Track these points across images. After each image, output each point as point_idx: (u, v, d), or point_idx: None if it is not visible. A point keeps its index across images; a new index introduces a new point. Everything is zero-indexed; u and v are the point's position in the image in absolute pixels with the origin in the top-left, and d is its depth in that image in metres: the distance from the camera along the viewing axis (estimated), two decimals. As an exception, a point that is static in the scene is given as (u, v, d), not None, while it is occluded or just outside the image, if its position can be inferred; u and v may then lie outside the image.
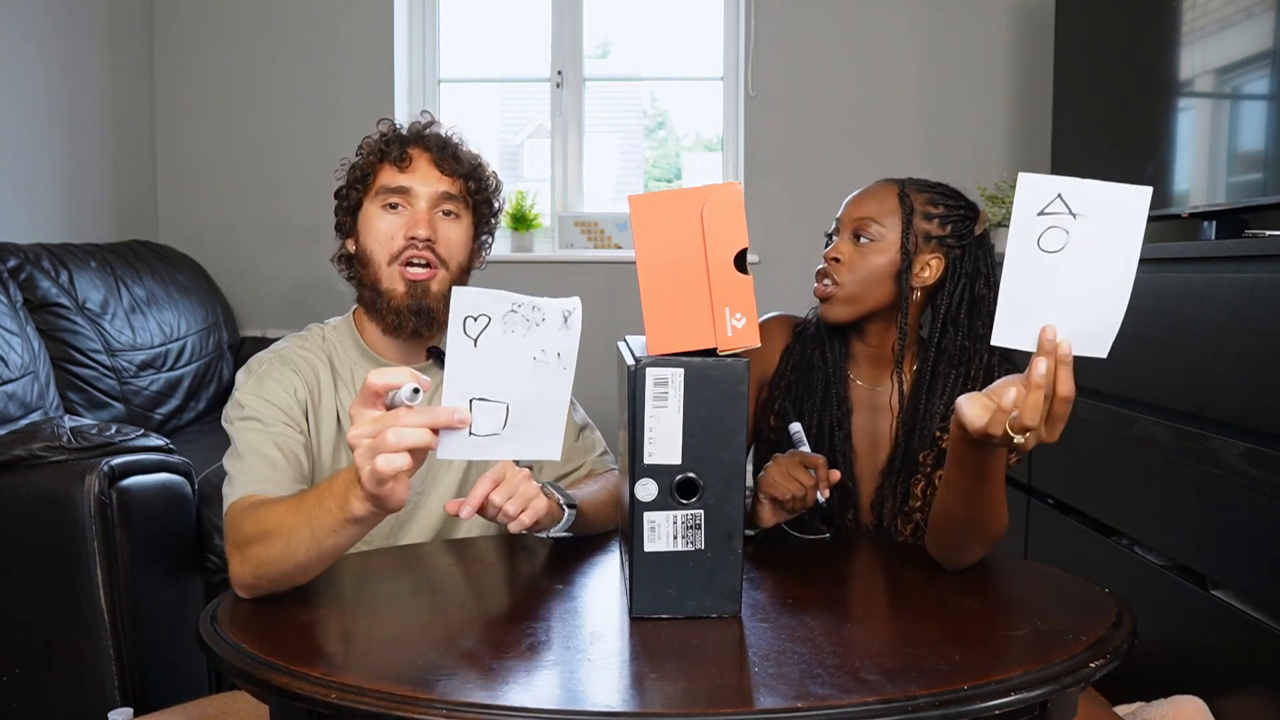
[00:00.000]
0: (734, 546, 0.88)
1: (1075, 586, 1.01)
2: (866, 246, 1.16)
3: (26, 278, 2.13)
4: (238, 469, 1.03)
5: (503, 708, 0.71)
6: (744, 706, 0.72)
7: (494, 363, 0.75)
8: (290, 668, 0.77)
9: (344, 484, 0.84)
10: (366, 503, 0.81)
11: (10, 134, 2.42)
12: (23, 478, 1.39)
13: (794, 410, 1.21)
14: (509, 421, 0.77)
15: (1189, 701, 1.36)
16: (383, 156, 1.14)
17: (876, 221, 1.16)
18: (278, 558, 0.89)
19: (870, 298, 1.16)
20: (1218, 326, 1.43)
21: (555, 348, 0.76)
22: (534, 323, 0.75)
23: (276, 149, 2.98)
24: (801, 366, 1.23)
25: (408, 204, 1.13)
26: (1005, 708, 0.73)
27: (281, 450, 1.04)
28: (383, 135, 1.16)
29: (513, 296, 0.75)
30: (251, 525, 0.92)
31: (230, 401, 1.09)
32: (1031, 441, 0.85)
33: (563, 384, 0.78)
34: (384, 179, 1.13)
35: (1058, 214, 0.80)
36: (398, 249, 1.12)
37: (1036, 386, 0.82)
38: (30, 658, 1.40)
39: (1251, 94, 1.77)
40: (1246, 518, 1.35)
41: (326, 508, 0.85)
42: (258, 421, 1.06)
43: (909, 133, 2.85)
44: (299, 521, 0.87)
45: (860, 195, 1.20)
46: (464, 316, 0.75)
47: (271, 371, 1.10)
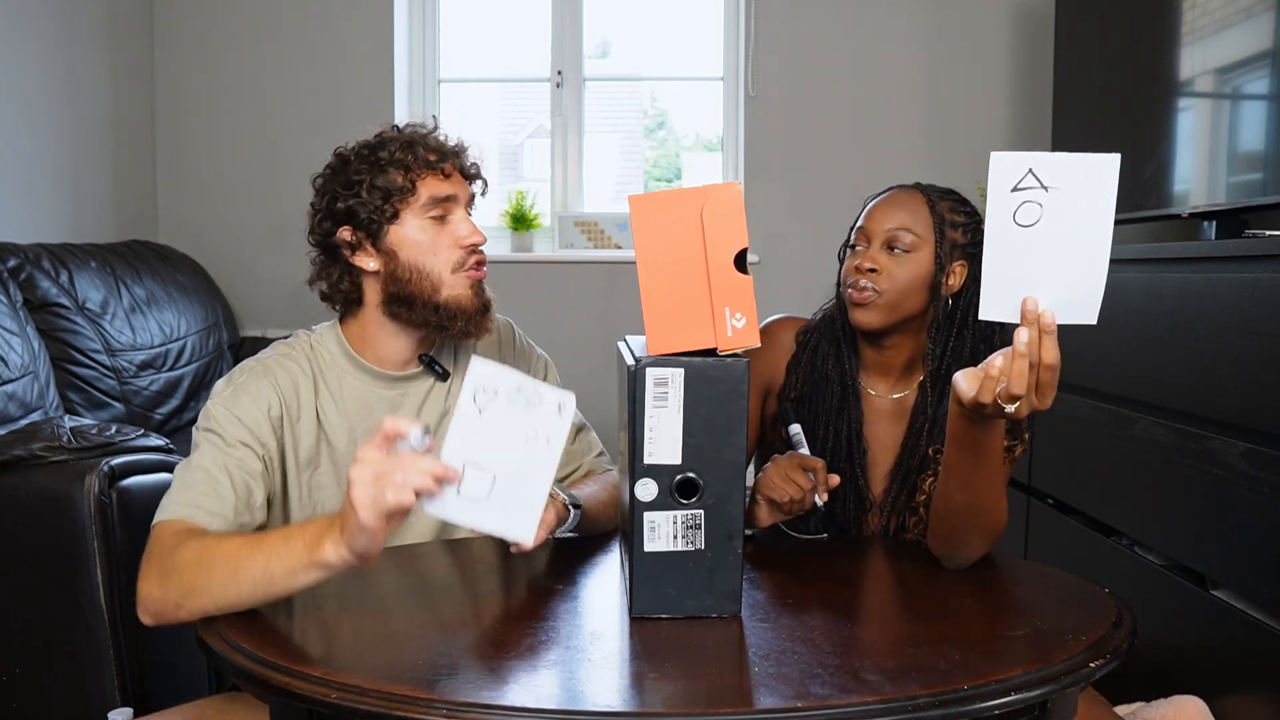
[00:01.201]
0: (734, 546, 0.88)
1: (1075, 586, 1.01)
2: (901, 257, 1.15)
3: (26, 278, 2.13)
4: (183, 482, 1.01)
5: (503, 708, 0.71)
6: (744, 706, 0.72)
7: (492, 433, 0.82)
8: (290, 668, 0.77)
9: (319, 528, 0.85)
10: (342, 547, 0.82)
11: (10, 134, 2.42)
12: (23, 478, 1.39)
13: (794, 414, 1.20)
14: (494, 491, 0.83)
15: (1189, 701, 1.36)
16: (429, 166, 1.09)
17: (911, 231, 1.14)
18: (217, 589, 0.87)
19: (905, 306, 1.16)
20: (1218, 326, 1.43)
21: (546, 432, 0.82)
22: (533, 405, 0.82)
23: (276, 149, 2.98)
24: (813, 378, 1.22)
25: (449, 212, 1.10)
26: (1005, 708, 0.73)
27: (231, 478, 1.02)
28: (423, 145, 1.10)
29: (521, 378, 0.82)
30: (192, 552, 0.91)
31: (204, 409, 1.07)
32: (1024, 409, 0.88)
33: (547, 468, 0.83)
34: (432, 189, 1.09)
35: (1031, 189, 0.84)
36: (459, 258, 1.10)
37: (1020, 355, 0.85)
38: (30, 658, 1.40)
39: (1251, 94, 1.77)
40: (1247, 518, 1.35)
41: (292, 548, 0.85)
42: (220, 438, 1.04)
43: (909, 133, 2.85)
44: (254, 556, 0.87)
45: (887, 204, 1.17)
46: (477, 387, 0.81)
47: (249, 385, 1.08)
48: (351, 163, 1.10)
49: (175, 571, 0.91)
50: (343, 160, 1.12)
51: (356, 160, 1.10)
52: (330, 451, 1.11)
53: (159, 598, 0.91)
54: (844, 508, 1.19)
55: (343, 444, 1.11)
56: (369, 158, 1.09)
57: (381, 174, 1.08)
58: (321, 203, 1.12)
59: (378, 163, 1.09)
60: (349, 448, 1.11)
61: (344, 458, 1.11)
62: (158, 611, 0.92)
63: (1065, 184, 0.84)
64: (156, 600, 0.91)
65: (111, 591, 1.37)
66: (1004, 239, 0.85)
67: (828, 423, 1.20)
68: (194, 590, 0.89)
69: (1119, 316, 1.70)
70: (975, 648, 0.83)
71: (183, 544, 0.92)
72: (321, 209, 1.12)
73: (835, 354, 1.22)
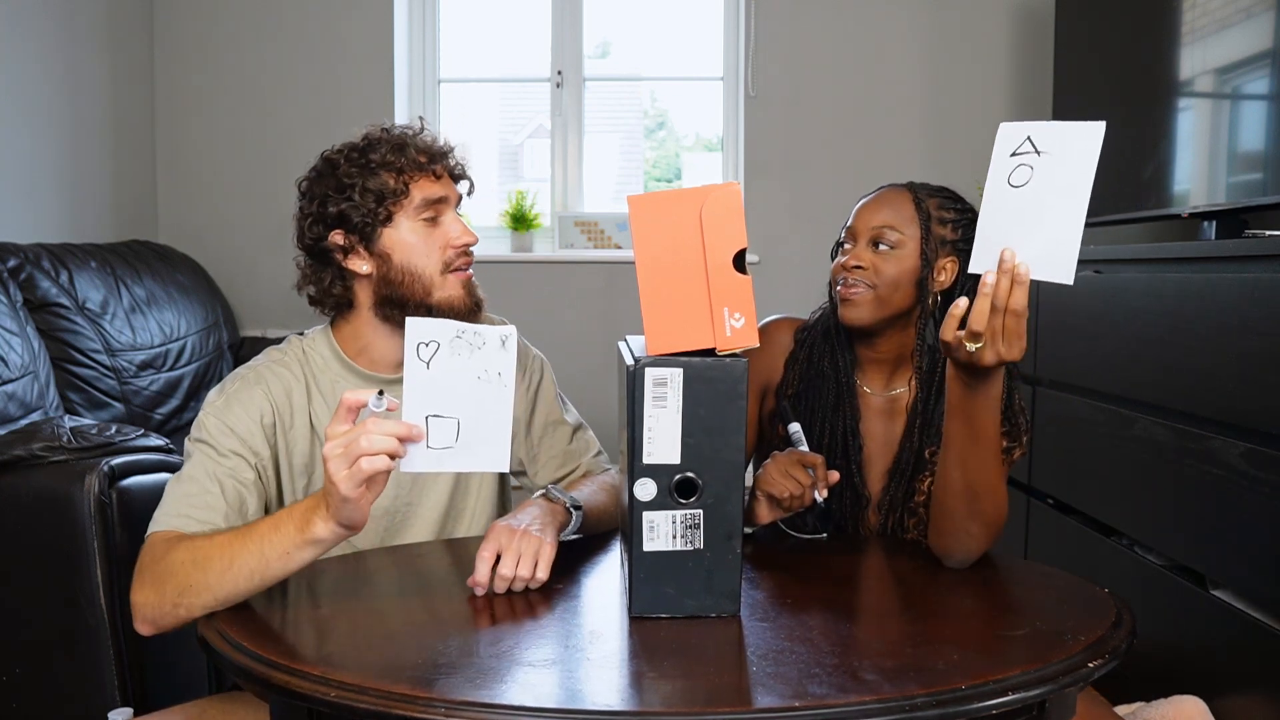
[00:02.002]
0: (733, 546, 0.88)
1: (1075, 586, 1.01)
2: (887, 254, 1.16)
3: (27, 278, 2.13)
4: (175, 494, 1.01)
5: (502, 706, 0.71)
6: (742, 706, 0.72)
7: (444, 383, 0.86)
8: (290, 666, 0.77)
9: (306, 507, 0.88)
10: (330, 522, 0.86)
11: (11, 134, 2.42)
12: (23, 478, 1.39)
13: (793, 411, 1.21)
14: (460, 436, 0.87)
15: (1189, 701, 1.36)
16: (420, 168, 1.09)
17: (895, 229, 1.16)
18: (215, 583, 0.89)
19: (893, 302, 1.17)
20: (1218, 326, 1.43)
21: (495, 367, 0.86)
22: (476, 346, 0.86)
23: (276, 149, 2.98)
24: (810, 375, 1.23)
25: (440, 213, 1.11)
26: (1003, 707, 0.73)
27: (223, 487, 1.02)
28: (414, 147, 1.10)
29: (457, 324, 0.86)
30: (183, 553, 0.92)
31: (197, 419, 1.07)
32: (988, 355, 0.91)
33: (504, 400, 0.87)
34: (425, 191, 1.09)
35: (1026, 154, 0.90)
36: (451, 258, 1.10)
37: (983, 295, 0.90)
38: (31, 657, 1.41)
39: (1251, 94, 1.77)
40: (1246, 517, 1.35)
41: (284, 531, 0.88)
42: (212, 449, 1.04)
43: (909, 132, 2.85)
44: (247, 545, 0.89)
45: (873, 203, 1.19)
46: (417, 343, 0.85)
47: (241, 394, 1.08)
48: (341, 166, 1.09)
49: (169, 574, 0.91)
50: (330, 164, 1.10)
51: (346, 163, 1.09)
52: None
53: (155, 603, 0.92)
54: (840, 504, 1.20)
55: None
56: (359, 160, 1.08)
57: (373, 176, 1.07)
58: (311, 207, 1.11)
59: (369, 165, 1.08)
60: None
61: None
62: (154, 618, 0.93)
63: (1055, 149, 0.89)
64: (152, 606, 0.92)
65: (111, 591, 1.37)
66: (998, 199, 0.91)
67: (824, 419, 1.21)
68: (190, 588, 0.89)
69: (1119, 316, 1.70)
70: (974, 647, 0.83)
71: (173, 549, 0.93)
72: (311, 213, 1.11)
73: (830, 352, 1.23)
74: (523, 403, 1.23)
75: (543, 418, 1.24)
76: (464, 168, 1.16)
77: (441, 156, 1.12)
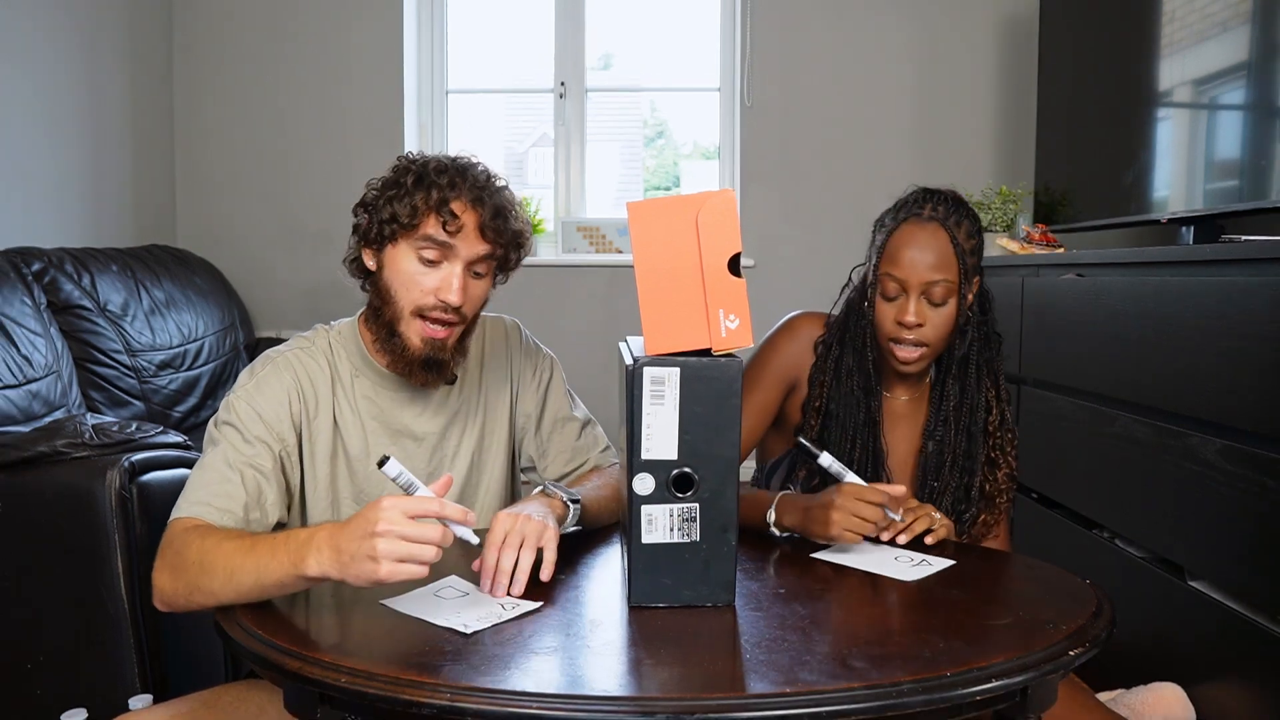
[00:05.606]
0: (728, 539, 0.90)
1: (1058, 578, 1.02)
2: (940, 310, 1.17)
3: (50, 281, 2.15)
4: (198, 481, 1.02)
5: (505, 692, 0.72)
6: (736, 692, 0.73)
7: None
8: (302, 653, 0.79)
9: (302, 541, 0.87)
10: (325, 565, 0.85)
11: (36, 143, 2.46)
12: (46, 473, 1.41)
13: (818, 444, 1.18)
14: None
15: (1168, 688, 1.40)
16: (433, 210, 1.07)
17: (945, 279, 1.16)
18: (218, 589, 0.91)
19: (943, 347, 1.20)
20: (1195, 328, 1.45)
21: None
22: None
23: (290, 157, 3.01)
24: (839, 393, 1.23)
25: (444, 260, 1.08)
26: (986, 694, 0.74)
27: (243, 477, 1.03)
28: (437, 187, 1.07)
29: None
30: (195, 553, 0.94)
31: (225, 400, 1.08)
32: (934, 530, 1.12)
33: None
34: (429, 229, 1.07)
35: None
36: (426, 304, 1.08)
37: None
38: (54, 647, 1.42)
39: (1228, 104, 1.79)
40: (1223, 511, 1.37)
41: (279, 560, 0.88)
42: (238, 434, 1.05)
43: (899, 141, 2.88)
44: (245, 564, 0.90)
45: (920, 251, 1.16)
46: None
47: (271, 378, 1.09)
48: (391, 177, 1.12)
49: (182, 569, 0.94)
50: (394, 170, 1.13)
51: (394, 173, 1.12)
52: (345, 450, 1.13)
53: (170, 590, 0.96)
54: None
55: (356, 443, 1.13)
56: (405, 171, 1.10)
57: (399, 201, 1.08)
58: (369, 194, 1.13)
59: (401, 179, 1.10)
60: (362, 447, 1.13)
61: (357, 457, 1.13)
62: (169, 601, 0.97)
63: None
64: (168, 592, 0.96)
65: (132, 582, 1.38)
66: None
67: (854, 436, 1.22)
68: (197, 589, 0.93)
69: (1101, 318, 1.72)
70: (959, 636, 0.83)
71: (189, 542, 0.96)
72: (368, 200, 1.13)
73: (863, 380, 1.23)
74: (533, 400, 1.24)
75: (552, 414, 1.25)
76: (514, 235, 1.12)
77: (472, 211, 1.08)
